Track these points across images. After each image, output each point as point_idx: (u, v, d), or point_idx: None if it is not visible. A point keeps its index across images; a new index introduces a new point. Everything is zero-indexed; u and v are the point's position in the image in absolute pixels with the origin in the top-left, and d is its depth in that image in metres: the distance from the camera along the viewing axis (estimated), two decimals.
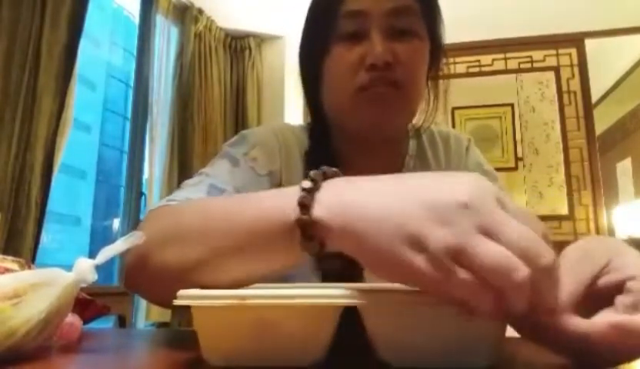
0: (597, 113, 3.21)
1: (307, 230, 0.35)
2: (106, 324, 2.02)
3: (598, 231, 2.90)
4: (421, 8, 0.66)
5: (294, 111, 3.38)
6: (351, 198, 0.34)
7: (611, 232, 3.42)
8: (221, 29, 3.04)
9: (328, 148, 0.71)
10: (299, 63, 0.74)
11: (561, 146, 3.04)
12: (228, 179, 0.64)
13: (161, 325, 2.48)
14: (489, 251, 0.28)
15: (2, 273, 0.47)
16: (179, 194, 0.60)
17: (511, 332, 0.36)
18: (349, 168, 0.70)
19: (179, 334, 0.72)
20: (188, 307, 0.35)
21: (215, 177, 0.64)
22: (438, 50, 0.71)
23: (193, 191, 0.61)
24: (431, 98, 0.75)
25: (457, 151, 0.78)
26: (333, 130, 0.72)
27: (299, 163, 0.71)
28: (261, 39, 3.26)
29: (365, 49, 0.63)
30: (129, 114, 2.71)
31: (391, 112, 0.65)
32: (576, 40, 3.10)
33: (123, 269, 0.43)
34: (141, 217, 2.55)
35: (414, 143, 0.77)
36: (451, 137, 0.79)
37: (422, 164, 0.76)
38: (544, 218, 2.96)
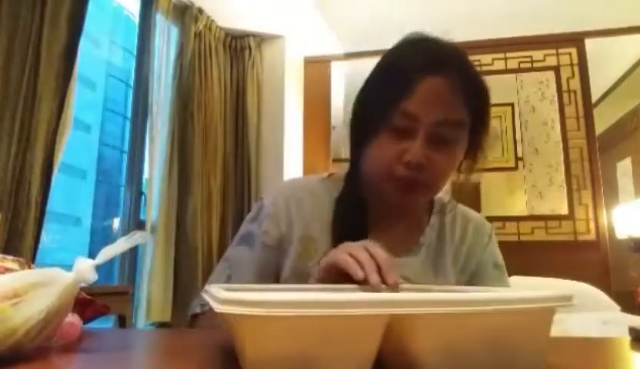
0: (597, 113, 3.21)
1: None
2: (106, 324, 2.02)
3: (598, 231, 2.90)
4: (473, 122, 0.76)
5: (293, 110, 3.38)
6: None
7: (611, 232, 3.42)
8: (221, 29, 3.04)
9: (357, 196, 0.82)
10: (351, 120, 0.83)
11: (561, 146, 3.04)
12: (247, 267, 0.81)
13: (161, 325, 2.48)
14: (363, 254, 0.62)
15: (2, 273, 0.47)
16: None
17: None
18: (374, 218, 0.81)
19: (179, 333, 0.72)
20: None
21: (235, 268, 0.82)
22: (476, 150, 0.80)
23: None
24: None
25: (475, 237, 0.88)
26: (366, 184, 0.81)
27: (328, 208, 0.82)
28: (261, 39, 3.25)
29: (407, 146, 0.73)
30: (129, 114, 2.70)
31: (416, 200, 0.81)
32: (576, 40, 3.09)
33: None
34: (142, 217, 2.55)
35: (436, 218, 0.87)
36: (471, 223, 0.89)
37: (439, 240, 0.86)
38: (544, 218, 2.97)
